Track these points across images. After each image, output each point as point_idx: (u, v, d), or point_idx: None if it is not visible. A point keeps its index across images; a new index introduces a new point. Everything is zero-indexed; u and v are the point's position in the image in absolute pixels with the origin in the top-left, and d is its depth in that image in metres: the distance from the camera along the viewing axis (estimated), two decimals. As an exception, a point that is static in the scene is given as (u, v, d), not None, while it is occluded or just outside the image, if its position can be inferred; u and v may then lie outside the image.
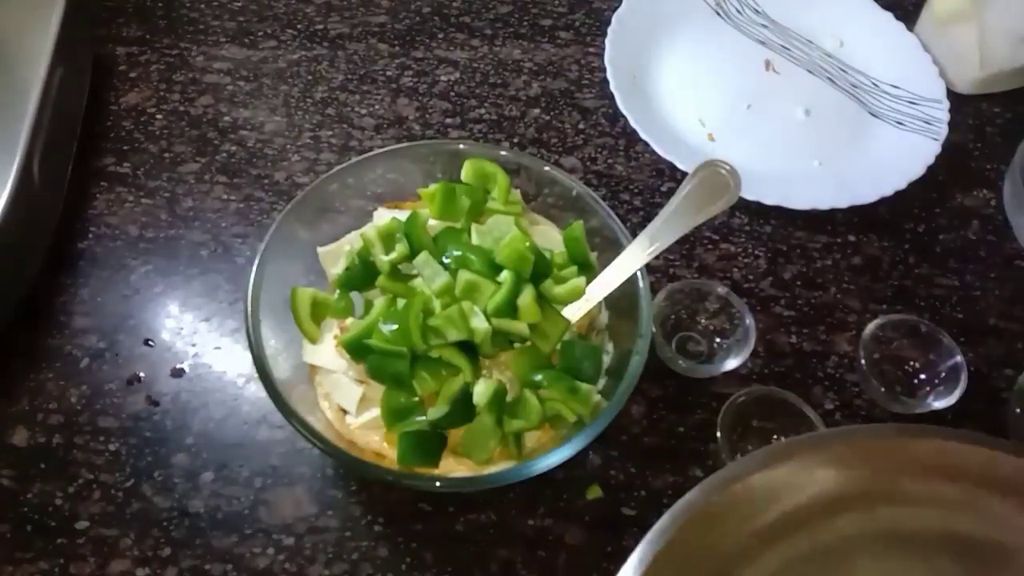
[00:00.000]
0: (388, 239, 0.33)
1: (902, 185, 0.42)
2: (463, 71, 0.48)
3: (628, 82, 0.46)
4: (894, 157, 0.44)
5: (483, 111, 0.46)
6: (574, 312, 0.33)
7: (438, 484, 0.29)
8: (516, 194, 0.36)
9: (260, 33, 0.49)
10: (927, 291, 0.41)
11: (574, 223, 0.35)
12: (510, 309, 0.31)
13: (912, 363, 0.37)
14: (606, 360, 0.33)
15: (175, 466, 0.33)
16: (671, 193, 0.34)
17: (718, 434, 0.34)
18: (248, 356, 0.30)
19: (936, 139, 0.44)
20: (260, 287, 0.31)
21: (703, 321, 0.38)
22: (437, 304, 0.31)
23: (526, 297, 0.31)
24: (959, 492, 0.22)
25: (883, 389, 0.36)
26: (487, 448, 0.30)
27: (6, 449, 0.34)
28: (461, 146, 0.36)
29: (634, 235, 0.33)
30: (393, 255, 0.32)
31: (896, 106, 0.47)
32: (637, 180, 0.44)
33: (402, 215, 0.34)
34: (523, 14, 0.51)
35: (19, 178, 0.35)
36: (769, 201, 0.41)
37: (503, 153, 0.36)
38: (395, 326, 0.30)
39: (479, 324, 0.30)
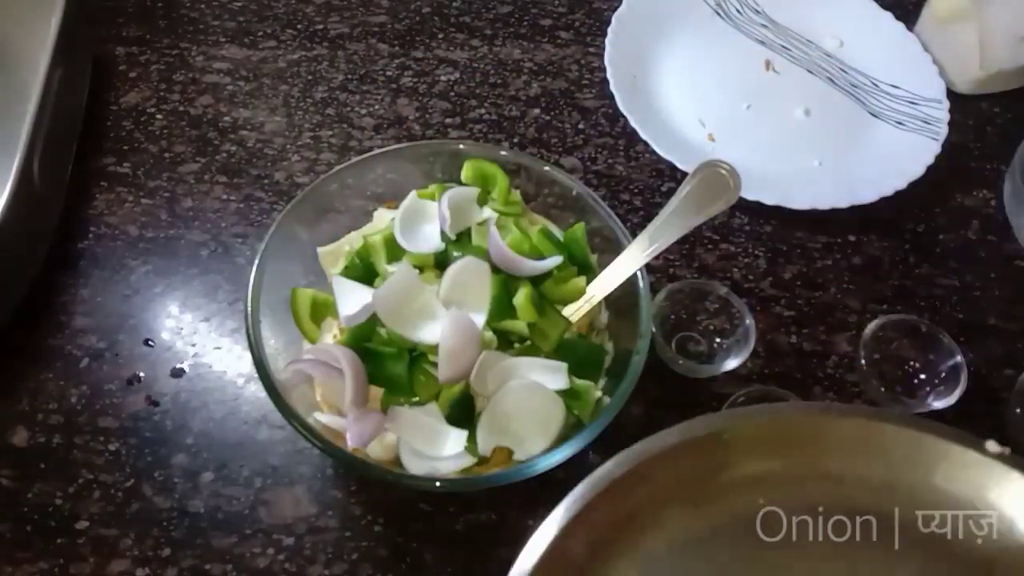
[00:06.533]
0: (392, 246, 0.33)
1: (902, 185, 0.42)
2: (463, 71, 0.47)
3: (628, 82, 0.45)
4: (894, 157, 0.44)
5: (483, 111, 0.46)
6: (574, 312, 0.33)
7: (438, 484, 0.29)
8: (516, 194, 0.36)
9: (260, 33, 0.49)
10: (927, 291, 0.41)
11: (576, 224, 0.35)
12: (506, 308, 0.31)
13: (912, 363, 0.37)
14: (606, 360, 0.33)
15: (175, 466, 0.33)
16: (671, 193, 0.34)
17: (718, 434, 0.34)
18: (248, 356, 0.30)
19: (936, 139, 0.44)
20: (260, 287, 0.31)
21: (703, 321, 0.38)
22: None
23: (521, 296, 0.31)
24: (881, 471, 0.22)
25: (883, 389, 0.36)
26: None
27: (6, 449, 0.34)
28: (461, 146, 0.36)
29: (634, 235, 0.33)
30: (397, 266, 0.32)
31: (896, 106, 0.47)
32: (637, 180, 0.44)
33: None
34: (523, 14, 0.51)
35: (19, 178, 0.35)
36: (769, 201, 0.41)
37: (503, 153, 0.36)
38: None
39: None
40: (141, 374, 0.36)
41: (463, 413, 0.30)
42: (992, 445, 0.22)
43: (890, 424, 0.23)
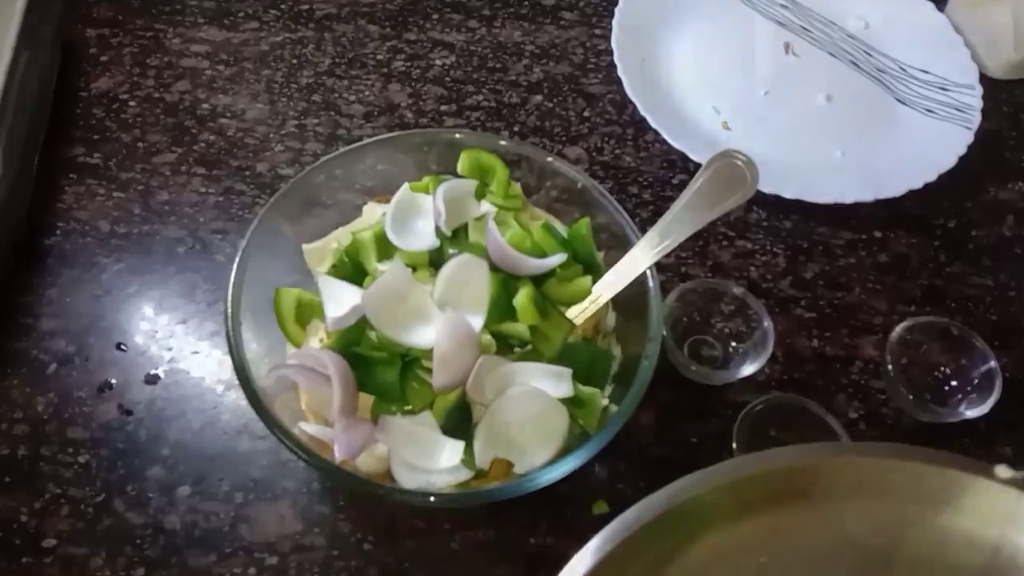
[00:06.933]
0: (382, 243, 0.32)
1: (932, 177, 0.41)
2: (459, 55, 0.46)
3: (637, 66, 0.45)
4: (923, 147, 0.43)
5: (481, 98, 0.45)
6: (579, 314, 0.32)
7: (432, 499, 0.28)
8: (516, 187, 0.35)
9: (241, 14, 0.48)
10: (959, 291, 0.40)
11: (581, 219, 0.34)
12: (506, 310, 0.30)
13: (943, 369, 0.36)
14: (613, 365, 0.32)
15: (149, 479, 0.32)
16: (683, 186, 0.33)
17: (734, 445, 0.33)
18: (228, 361, 0.30)
19: (968, 127, 0.43)
20: (241, 287, 0.30)
21: (718, 324, 0.37)
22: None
23: (522, 297, 0.30)
24: (887, 510, 0.21)
25: (911, 397, 0.35)
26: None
27: (-32, 462, 0.33)
28: (457, 135, 0.35)
29: (643, 231, 0.32)
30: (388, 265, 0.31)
31: (925, 92, 0.46)
32: (646, 172, 0.43)
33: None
34: (524, -7, 0.49)
35: (-20, 169, 0.33)
36: (788, 194, 0.40)
37: (502, 143, 0.35)
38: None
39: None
40: (113, 380, 0.35)
41: (459, 423, 0.29)
42: (1003, 470, 0.21)
43: (884, 459, 0.21)
